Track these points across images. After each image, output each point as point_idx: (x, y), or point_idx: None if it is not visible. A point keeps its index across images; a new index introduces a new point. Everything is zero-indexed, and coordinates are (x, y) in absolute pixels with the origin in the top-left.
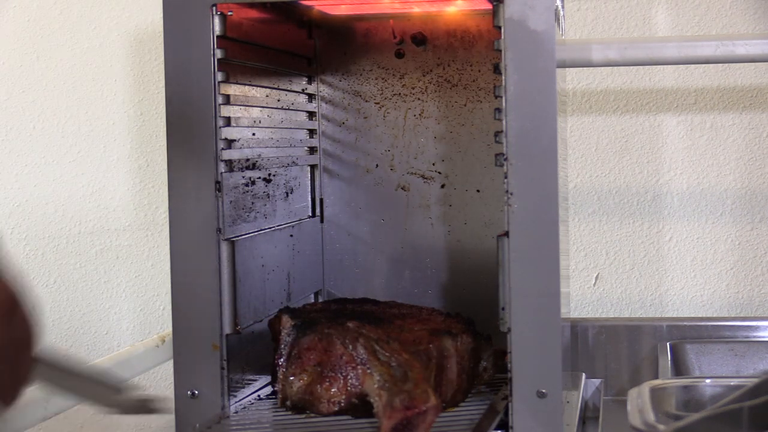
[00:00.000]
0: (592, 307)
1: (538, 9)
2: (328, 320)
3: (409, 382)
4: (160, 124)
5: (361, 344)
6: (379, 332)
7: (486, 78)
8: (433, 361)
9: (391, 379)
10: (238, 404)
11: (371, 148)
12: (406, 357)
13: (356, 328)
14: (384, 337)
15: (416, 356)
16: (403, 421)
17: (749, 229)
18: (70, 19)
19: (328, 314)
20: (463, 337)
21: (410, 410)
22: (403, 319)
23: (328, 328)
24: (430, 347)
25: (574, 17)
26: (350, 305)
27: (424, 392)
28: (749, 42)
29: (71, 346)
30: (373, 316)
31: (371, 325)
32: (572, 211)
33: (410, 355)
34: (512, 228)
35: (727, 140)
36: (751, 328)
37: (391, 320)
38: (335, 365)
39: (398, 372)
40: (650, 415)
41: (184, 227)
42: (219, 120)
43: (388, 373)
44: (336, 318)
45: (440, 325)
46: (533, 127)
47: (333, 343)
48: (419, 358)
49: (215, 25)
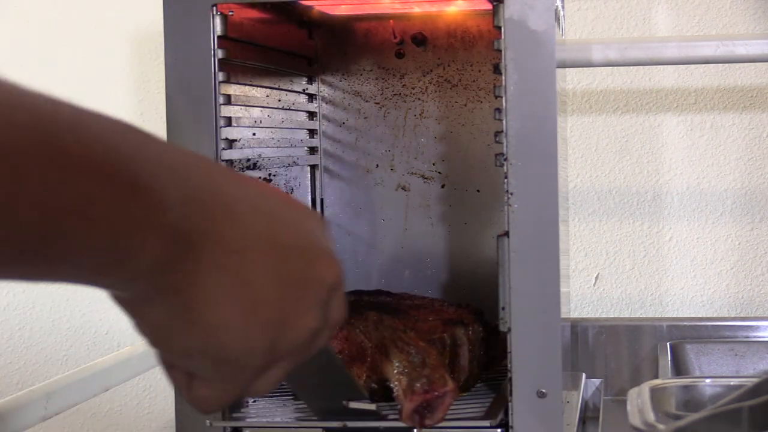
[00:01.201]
0: (592, 307)
1: (538, 9)
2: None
3: (426, 367)
4: (160, 124)
5: (380, 333)
6: (396, 322)
7: (486, 78)
8: (447, 349)
9: (409, 365)
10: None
11: (371, 148)
12: (423, 345)
13: (376, 319)
14: (401, 327)
15: (432, 344)
16: (423, 404)
17: (749, 229)
18: (70, 20)
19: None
20: (474, 326)
21: (429, 394)
22: (418, 310)
23: (349, 319)
24: (444, 336)
25: (574, 17)
26: (366, 297)
27: (441, 377)
28: (749, 42)
29: (71, 346)
30: (390, 307)
31: (389, 315)
32: (572, 211)
33: (426, 343)
34: (512, 228)
35: (727, 140)
36: (751, 328)
37: (406, 311)
38: (356, 353)
39: (416, 358)
40: (650, 415)
41: None
42: (220, 120)
43: (406, 359)
44: (355, 309)
45: (453, 315)
46: (533, 127)
47: (353, 333)
48: (435, 346)
49: (216, 25)
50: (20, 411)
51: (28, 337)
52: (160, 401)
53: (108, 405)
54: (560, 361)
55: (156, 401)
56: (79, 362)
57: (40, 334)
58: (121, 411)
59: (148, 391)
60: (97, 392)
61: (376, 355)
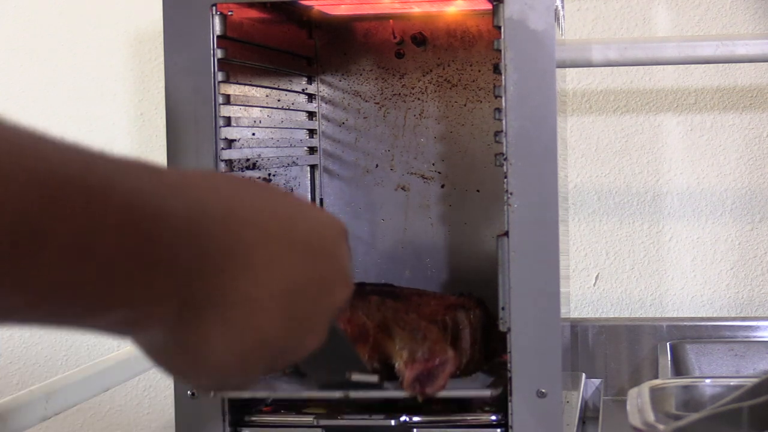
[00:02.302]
0: (592, 307)
1: (538, 9)
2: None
3: (428, 341)
4: (160, 124)
5: (382, 314)
6: (398, 305)
7: (486, 78)
8: (449, 331)
9: (411, 342)
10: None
11: (371, 148)
12: (425, 324)
13: (378, 301)
14: (403, 310)
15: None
16: (424, 372)
17: (749, 229)
18: (70, 19)
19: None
20: (476, 311)
21: (430, 362)
22: (420, 297)
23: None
24: (446, 318)
25: (574, 17)
26: (369, 286)
27: (442, 347)
28: (749, 42)
29: (71, 346)
30: (393, 294)
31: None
32: (572, 211)
33: (427, 323)
34: (512, 228)
35: (727, 140)
36: (751, 328)
37: (408, 297)
38: (359, 333)
39: (418, 335)
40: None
41: None
42: (219, 120)
43: (408, 337)
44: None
45: (454, 301)
46: (533, 127)
47: (356, 314)
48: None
49: (215, 25)
50: (20, 411)
51: (28, 337)
52: (160, 401)
53: (108, 405)
54: (560, 361)
55: (156, 401)
56: (79, 362)
57: (40, 334)
58: (121, 411)
59: (148, 391)
60: (97, 392)
61: (378, 335)
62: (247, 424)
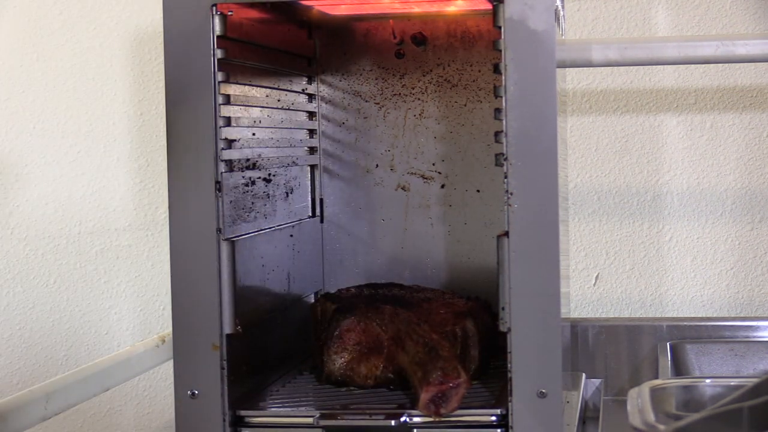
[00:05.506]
0: (592, 307)
1: (538, 9)
2: (365, 305)
3: (440, 359)
4: (160, 124)
5: (395, 326)
6: (410, 315)
7: (486, 78)
8: (459, 341)
9: (424, 356)
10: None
11: (371, 148)
12: (435, 337)
13: (391, 312)
14: (415, 320)
15: (444, 336)
16: (438, 394)
17: (749, 229)
18: (70, 19)
19: (364, 299)
20: (483, 318)
21: (444, 385)
22: (430, 303)
23: (366, 312)
24: (455, 329)
25: (574, 17)
26: (381, 290)
27: (455, 369)
28: (749, 42)
29: (71, 346)
30: (403, 300)
31: (403, 308)
32: (572, 211)
33: (439, 335)
34: (512, 228)
35: (727, 140)
36: (751, 328)
37: (419, 304)
38: (373, 344)
39: (429, 350)
40: (650, 415)
41: (184, 227)
42: (219, 120)
43: (421, 351)
44: (371, 302)
45: (463, 308)
46: (533, 127)
47: (371, 325)
48: (447, 338)
49: (215, 25)
50: (20, 411)
51: (28, 337)
52: (160, 401)
53: (108, 405)
54: (560, 361)
55: (156, 401)
56: (79, 362)
57: (40, 334)
58: (121, 411)
59: (148, 391)
60: (97, 392)
61: (392, 346)
62: (247, 424)
